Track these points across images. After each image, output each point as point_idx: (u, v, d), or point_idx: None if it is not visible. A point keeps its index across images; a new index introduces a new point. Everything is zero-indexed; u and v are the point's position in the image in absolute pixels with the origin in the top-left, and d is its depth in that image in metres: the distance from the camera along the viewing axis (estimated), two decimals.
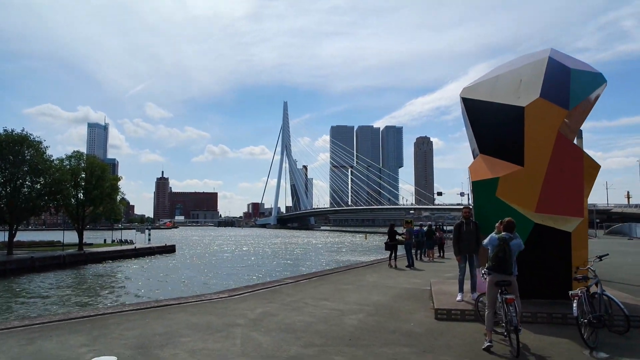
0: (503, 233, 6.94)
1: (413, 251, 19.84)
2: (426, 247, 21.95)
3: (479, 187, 9.72)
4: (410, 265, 18.15)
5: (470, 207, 9.78)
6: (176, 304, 9.65)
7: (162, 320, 8.25)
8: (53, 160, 47.25)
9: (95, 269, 38.71)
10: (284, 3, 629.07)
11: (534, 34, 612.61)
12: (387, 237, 19.18)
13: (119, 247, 54.17)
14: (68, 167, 48.86)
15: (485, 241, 7.15)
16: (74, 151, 51.57)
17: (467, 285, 9.55)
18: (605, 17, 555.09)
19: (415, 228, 21.09)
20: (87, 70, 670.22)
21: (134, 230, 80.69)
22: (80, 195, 50.22)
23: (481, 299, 7.88)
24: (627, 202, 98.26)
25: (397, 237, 18.82)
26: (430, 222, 24.67)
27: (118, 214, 64.23)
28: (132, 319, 8.34)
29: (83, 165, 50.73)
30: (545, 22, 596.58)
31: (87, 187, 49.88)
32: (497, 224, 7.33)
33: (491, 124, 9.82)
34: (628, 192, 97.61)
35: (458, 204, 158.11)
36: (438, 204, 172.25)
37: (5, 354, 6.41)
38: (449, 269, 17.57)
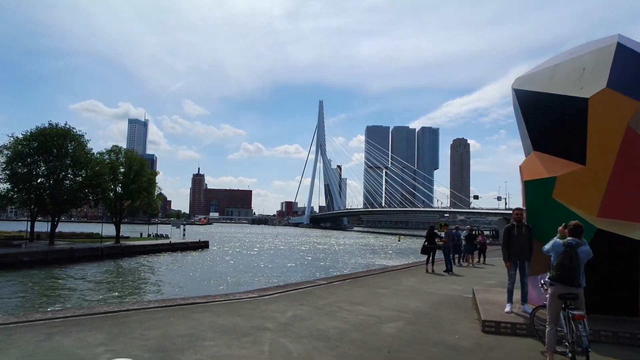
0: (569, 238, 6.07)
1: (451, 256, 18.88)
2: (466, 251, 20.95)
3: (532, 188, 8.84)
4: (449, 270, 17.24)
5: (523, 209, 8.87)
6: (203, 303, 9.13)
7: (186, 320, 7.72)
8: (93, 154, 48.18)
9: (130, 262, 39.05)
10: (321, 2, 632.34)
11: (579, 34, 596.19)
12: (424, 239, 18.25)
13: (154, 242, 54.72)
14: (107, 161, 49.67)
15: (547, 246, 6.25)
16: (113, 145, 52.47)
17: (516, 294, 8.68)
18: None
19: (453, 231, 20.08)
20: (128, 68, 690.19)
21: (170, 225, 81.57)
22: (119, 189, 51.08)
23: (537, 313, 7.01)
24: None
25: (437, 240, 17.90)
26: (468, 226, 23.45)
27: (155, 208, 65.17)
28: (155, 317, 7.85)
29: (122, 159, 51.48)
30: (590, 20, 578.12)
31: (125, 181, 50.64)
32: (560, 228, 6.44)
33: (548, 118, 8.91)
34: None
35: (495, 209, 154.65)
36: (474, 208, 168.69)
37: (22, 349, 5.98)
38: (490, 275, 16.62)
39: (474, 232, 21.64)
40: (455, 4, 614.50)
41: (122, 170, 51.10)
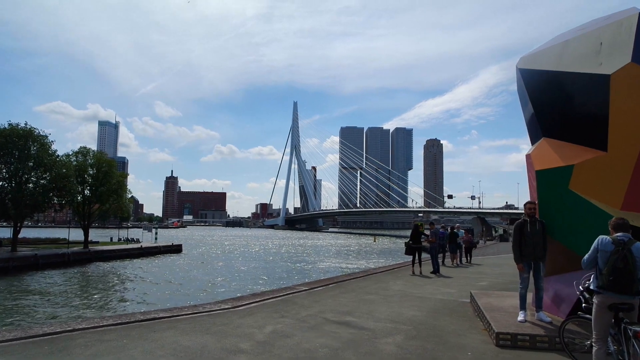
0: (618, 234, 4.94)
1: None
2: (450, 251, 19.97)
3: (545, 178, 7.77)
4: (436, 271, 16.17)
5: (535, 202, 7.78)
6: (166, 318, 7.76)
7: (144, 341, 6.37)
8: (58, 155, 46.04)
9: (99, 268, 37.17)
10: (294, 4, 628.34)
11: (545, 37, 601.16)
12: (408, 239, 17.10)
13: (124, 246, 52.74)
14: (74, 162, 47.55)
15: (595, 246, 5.06)
16: (80, 147, 50.23)
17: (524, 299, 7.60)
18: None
19: (440, 229, 19.04)
20: (97, 68, 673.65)
21: (141, 229, 79.15)
22: (87, 192, 49.00)
23: (567, 325, 5.85)
24: None
25: (422, 240, 16.77)
26: (457, 224, 22.51)
27: (125, 212, 63.10)
28: (106, 338, 6.47)
29: (90, 161, 49.38)
30: (558, 23, 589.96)
31: (94, 184, 48.60)
32: (611, 222, 5.19)
33: (560, 99, 7.85)
34: None
35: (469, 208, 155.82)
36: (448, 207, 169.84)
37: None
38: (480, 276, 15.65)
39: (456, 231, 20.59)
40: (427, 6, 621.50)
41: (91, 172, 48.96)
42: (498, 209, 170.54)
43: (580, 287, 5.49)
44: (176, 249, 58.36)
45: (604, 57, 7.28)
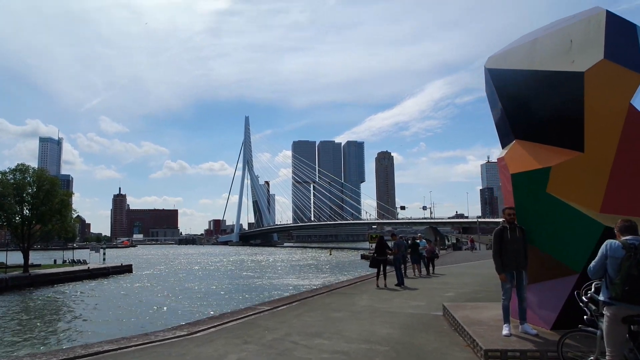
0: (628, 237, 4.42)
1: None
2: (412, 261, 19.64)
3: (521, 181, 7.41)
4: (401, 283, 15.73)
5: (513, 208, 7.37)
6: (112, 351, 6.80)
7: None
8: None
9: (40, 293, 34.80)
10: (243, 18, 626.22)
11: (486, 52, 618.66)
12: (372, 252, 16.66)
13: (70, 268, 49.88)
14: (12, 181, 44.74)
15: (603, 252, 4.54)
16: (18, 164, 47.33)
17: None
18: None
19: (402, 241, 18.63)
20: (37, 82, 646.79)
21: (88, 250, 75.59)
22: (26, 212, 46.13)
23: (566, 339, 5.34)
24: None
25: (387, 251, 16.32)
26: (419, 234, 22.31)
27: (70, 231, 59.99)
28: None
29: (29, 179, 46.54)
30: (497, 39, 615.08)
31: (34, 203, 45.83)
32: (617, 224, 4.71)
33: (533, 99, 7.53)
34: None
35: (422, 218, 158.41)
36: (401, 218, 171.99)
37: None
38: (445, 287, 15.31)
39: (417, 242, 20.32)
40: (373, 22, 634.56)
41: (30, 191, 46.16)
42: (449, 218, 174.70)
43: (584, 297, 5.02)
44: (126, 270, 56.01)
45: (576, 55, 7.02)
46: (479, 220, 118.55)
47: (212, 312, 21.06)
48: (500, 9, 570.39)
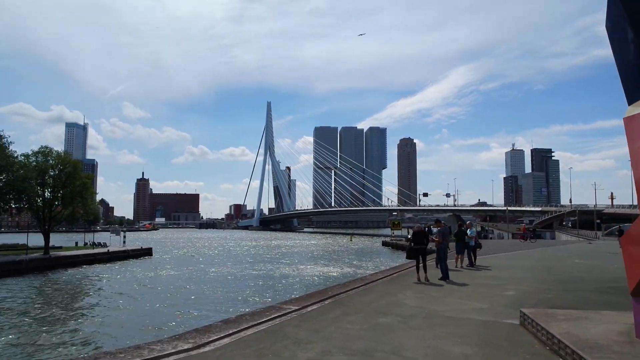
0: None
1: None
2: (456, 251, 17.83)
3: None
4: (446, 277, 14.03)
5: None
6: None
7: None
8: (17, 156, 42.72)
9: (57, 276, 34.09)
10: (264, 5, 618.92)
11: (511, 38, 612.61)
12: (410, 241, 14.91)
13: (90, 251, 49.45)
14: (34, 163, 44.16)
15: None
16: (41, 146, 46.72)
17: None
18: (581, 21, 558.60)
19: (447, 228, 16.65)
20: (63, 70, 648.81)
21: (109, 233, 75.44)
22: (47, 194, 45.60)
23: None
24: (610, 203, 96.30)
25: (432, 239, 14.56)
26: (468, 222, 20.37)
27: (91, 214, 59.69)
28: None
29: (52, 161, 45.91)
30: (521, 26, 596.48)
31: (56, 185, 45.28)
32: None
33: None
34: (612, 193, 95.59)
35: (445, 205, 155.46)
36: (423, 205, 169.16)
37: None
38: (498, 282, 13.54)
39: (463, 228, 18.43)
40: (395, 8, 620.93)
41: (52, 173, 45.58)
42: (472, 206, 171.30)
43: None
44: (146, 253, 55.61)
45: None
46: (508, 208, 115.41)
47: (229, 309, 19.45)
48: None
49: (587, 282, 13.62)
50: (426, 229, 17.13)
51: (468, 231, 18.38)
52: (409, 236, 15.80)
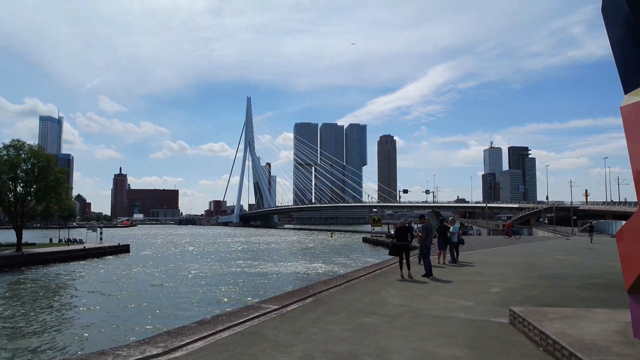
0: None
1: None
2: (438, 247, 17.57)
3: None
4: (429, 274, 13.76)
5: None
6: None
7: None
8: None
9: (29, 274, 33.08)
10: None
11: (489, 37, 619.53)
12: (391, 237, 14.58)
13: (65, 248, 48.26)
14: (5, 157, 42.85)
15: None
16: (12, 140, 45.34)
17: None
18: (556, 23, 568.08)
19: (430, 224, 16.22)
20: (36, 61, 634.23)
21: (85, 229, 73.90)
22: (20, 189, 44.29)
23: None
24: (584, 200, 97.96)
25: (416, 234, 14.24)
26: (451, 217, 20.19)
27: (66, 210, 58.20)
28: None
29: (24, 155, 44.57)
30: (499, 25, 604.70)
31: (28, 180, 43.99)
32: None
33: None
34: (586, 190, 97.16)
35: (424, 202, 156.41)
36: (403, 202, 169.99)
37: None
38: (482, 279, 13.33)
39: (445, 223, 18.20)
40: (376, 4, 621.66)
41: (24, 167, 44.28)
42: (451, 202, 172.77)
43: None
44: (123, 249, 54.55)
45: None
46: (487, 205, 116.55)
47: (206, 309, 18.90)
48: None
49: (570, 278, 13.49)
50: (407, 225, 16.83)
51: (451, 227, 18.18)
52: (392, 232, 15.48)
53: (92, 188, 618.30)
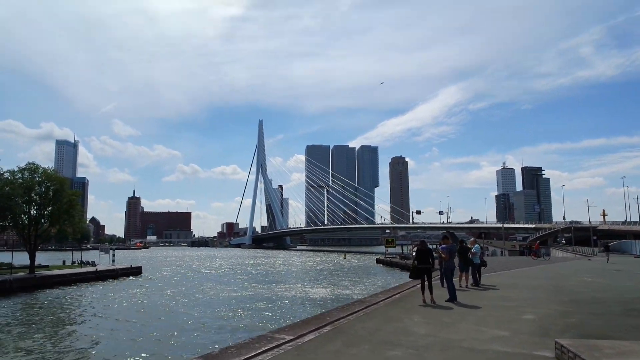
0: None
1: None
2: (460, 269, 16.69)
3: None
4: (453, 299, 12.97)
5: None
6: None
7: None
8: (3, 172, 41.62)
9: (42, 296, 32.73)
10: (256, 25, 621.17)
11: (498, 59, 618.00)
12: (413, 259, 13.78)
13: (77, 270, 48.01)
14: (20, 180, 42.98)
15: None
16: (27, 163, 45.57)
17: None
18: (564, 43, 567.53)
19: (443, 245, 15.42)
20: (52, 86, 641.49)
21: (97, 251, 73.79)
22: (33, 212, 44.27)
23: None
24: (602, 220, 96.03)
25: (434, 258, 13.46)
26: (472, 238, 19.39)
27: (79, 232, 58.06)
28: None
29: (38, 178, 44.67)
30: (508, 47, 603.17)
31: (42, 203, 44.00)
32: None
33: None
34: (604, 210, 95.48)
35: (439, 223, 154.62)
36: (416, 223, 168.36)
37: None
38: (511, 303, 12.50)
39: (465, 244, 17.34)
40: (384, 28, 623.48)
41: (38, 190, 44.35)
42: (465, 223, 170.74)
43: None
44: (135, 272, 54.22)
45: None
46: (504, 225, 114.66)
47: (217, 337, 18.06)
48: (512, 14, 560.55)
49: (607, 303, 12.62)
50: (460, 244, 16.27)
51: (472, 248, 17.37)
52: (412, 253, 14.76)
53: (106, 211, 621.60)
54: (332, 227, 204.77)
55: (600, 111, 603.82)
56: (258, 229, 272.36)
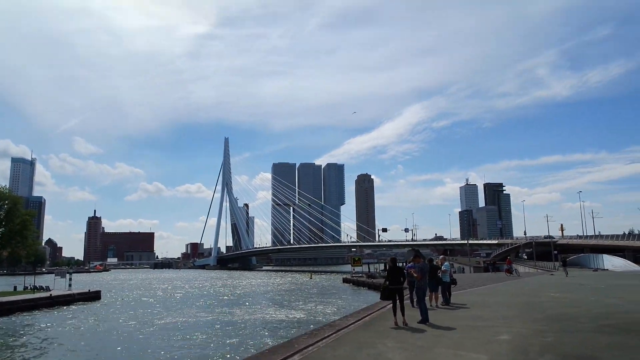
0: None
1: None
2: (429, 289, 16.21)
3: None
4: (426, 319, 12.44)
5: None
6: None
7: None
8: None
9: None
10: (223, 42, 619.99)
11: (460, 79, 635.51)
12: (385, 279, 13.15)
13: (30, 295, 45.35)
14: None
15: None
16: None
17: None
18: (522, 65, 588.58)
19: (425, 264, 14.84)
20: (10, 102, 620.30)
21: (53, 275, 70.55)
22: None
23: None
24: (561, 234, 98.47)
25: (405, 278, 12.93)
26: (442, 256, 18.95)
27: (33, 255, 55.54)
28: None
29: None
30: (469, 67, 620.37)
31: None
32: None
33: None
34: (562, 225, 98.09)
35: (404, 241, 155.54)
36: (382, 241, 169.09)
37: None
38: (484, 323, 12.06)
39: (435, 263, 16.91)
40: (350, 48, 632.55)
41: None
42: (430, 240, 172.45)
43: None
44: (94, 296, 51.67)
45: None
46: (469, 242, 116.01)
47: None
48: (473, 37, 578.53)
49: (579, 319, 12.38)
50: (429, 263, 15.56)
51: (442, 266, 17.00)
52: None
53: (64, 232, 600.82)
54: (298, 246, 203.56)
55: (556, 129, 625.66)
56: (223, 249, 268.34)
